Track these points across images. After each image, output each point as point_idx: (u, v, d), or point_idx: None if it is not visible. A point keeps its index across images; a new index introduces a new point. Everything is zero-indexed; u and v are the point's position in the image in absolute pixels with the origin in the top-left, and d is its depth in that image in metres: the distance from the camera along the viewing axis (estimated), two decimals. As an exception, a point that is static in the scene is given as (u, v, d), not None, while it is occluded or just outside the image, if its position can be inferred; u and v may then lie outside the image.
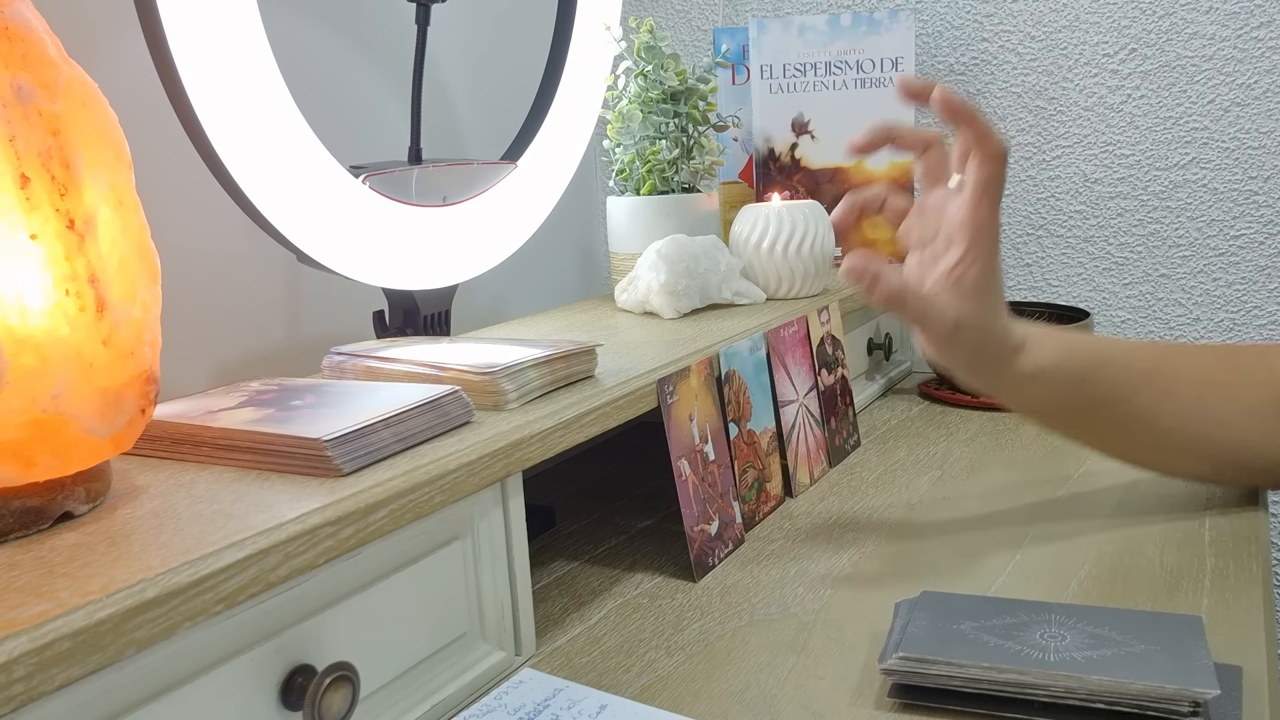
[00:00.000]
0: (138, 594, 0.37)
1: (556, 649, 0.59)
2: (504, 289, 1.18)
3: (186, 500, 0.47)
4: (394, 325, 0.84)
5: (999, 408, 1.01)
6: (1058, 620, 0.52)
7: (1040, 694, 0.47)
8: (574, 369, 0.66)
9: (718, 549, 0.69)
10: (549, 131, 0.95)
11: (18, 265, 0.40)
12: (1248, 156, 1.11)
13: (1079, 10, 1.15)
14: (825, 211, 1.01)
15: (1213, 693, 0.45)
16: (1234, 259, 1.13)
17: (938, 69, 1.23)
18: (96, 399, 0.42)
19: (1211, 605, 0.58)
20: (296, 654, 0.45)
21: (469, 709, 0.51)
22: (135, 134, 0.49)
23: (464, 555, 0.55)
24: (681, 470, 0.67)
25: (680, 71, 0.99)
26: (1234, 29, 1.09)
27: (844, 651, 0.55)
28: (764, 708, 0.50)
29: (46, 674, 0.34)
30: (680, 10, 1.35)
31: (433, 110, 1.06)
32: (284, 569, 0.42)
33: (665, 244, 0.92)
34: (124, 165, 0.45)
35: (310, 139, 0.71)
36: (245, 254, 0.87)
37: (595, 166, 1.38)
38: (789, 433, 0.81)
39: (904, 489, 0.81)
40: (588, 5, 0.98)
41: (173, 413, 0.56)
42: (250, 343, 0.89)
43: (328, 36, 0.95)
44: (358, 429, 0.51)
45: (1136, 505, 0.73)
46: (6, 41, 0.40)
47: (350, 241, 0.75)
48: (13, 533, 0.42)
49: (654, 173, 1.00)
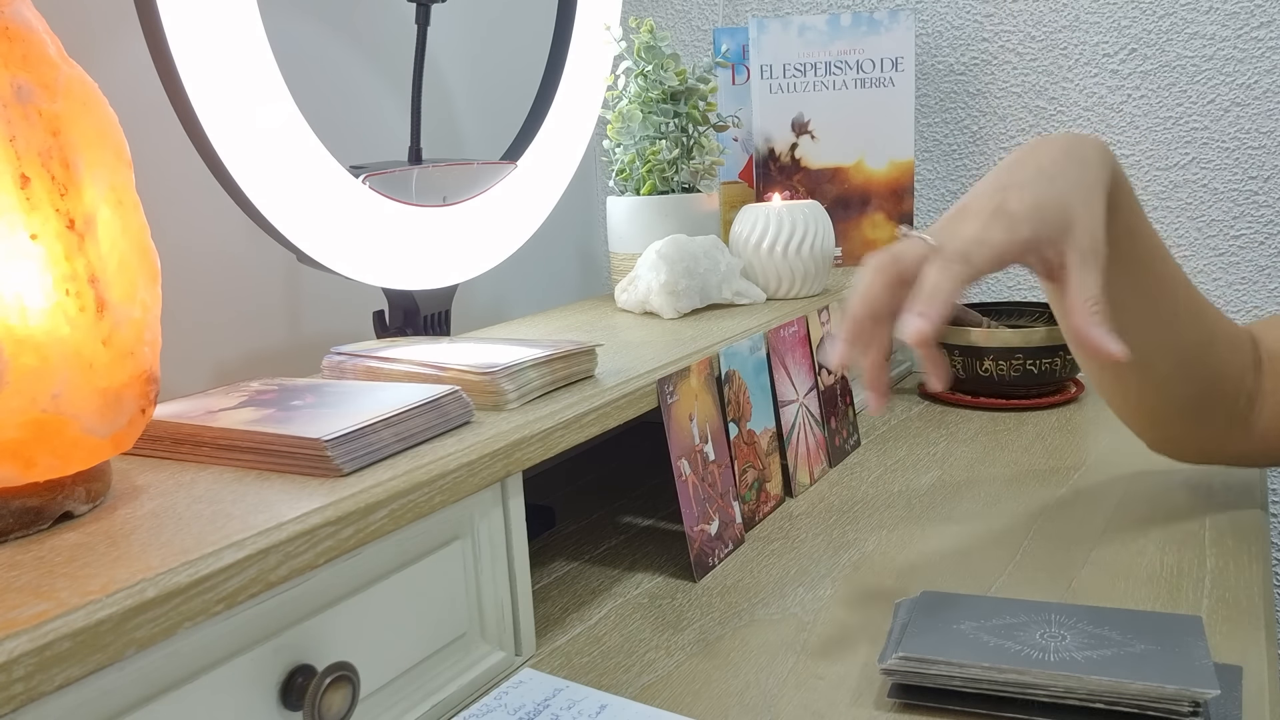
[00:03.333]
0: (138, 594, 0.37)
1: (556, 649, 0.59)
2: (504, 289, 1.18)
3: (186, 500, 0.47)
4: (394, 325, 0.84)
5: (999, 407, 1.01)
6: (1058, 620, 0.52)
7: (1040, 694, 0.47)
8: (574, 369, 0.66)
9: (718, 549, 0.69)
10: (549, 131, 0.95)
11: (18, 265, 0.40)
12: (1248, 156, 1.11)
13: (1079, 10, 1.15)
14: (825, 211, 1.01)
15: (1213, 693, 0.45)
16: (1234, 259, 1.13)
17: (938, 69, 1.23)
18: (96, 399, 0.42)
19: (1211, 605, 0.58)
20: (296, 654, 0.45)
21: (469, 709, 0.51)
22: (135, 134, 0.49)
23: (464, 555, 0.55)
24: (681, 470, 0.67)
25: (680, 71, 0.99)
26: (1234, 29, 1.09)
27: (844, 651, 0.55)
28: (764, 708, 0.50)
29: (46, 674, 0.34)
30: (680, 10, 1.35)
31: (432, 110, 1.06)
32: (284, 569, 0.42)
33: (665, 244, 0.92)
34: (124, 165, 0.45)
35: (310, 139, 0.71)
36: (245, 254, 0.87)
37: (595, 166, 1.38)
38: (789, 433, 0.81)
39: (904, 489, 0.81)
40: (588, 5, 0.98)
41: (173, 413, 0.56)
42: (250, 343, 0.89)
43: (328, 36, 0.95)
44: (358, 429, 0.51)
45: (1136, 505, 0.73)
46: (6, 41, 0.40)
47: (350, 241, 0.75)
48: (13, 533, 0.42)
49: (654, 173, 1.00)
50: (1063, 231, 0.57)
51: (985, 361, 1.00)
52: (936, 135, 1.25)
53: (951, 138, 1.24)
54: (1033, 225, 0.57)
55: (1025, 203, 0.58)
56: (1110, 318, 0.56)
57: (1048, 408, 1.00)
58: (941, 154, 1.25)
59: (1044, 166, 0.59)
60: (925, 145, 1.26)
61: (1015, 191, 0.58)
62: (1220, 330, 0.68)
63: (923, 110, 1.25)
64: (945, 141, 1.25)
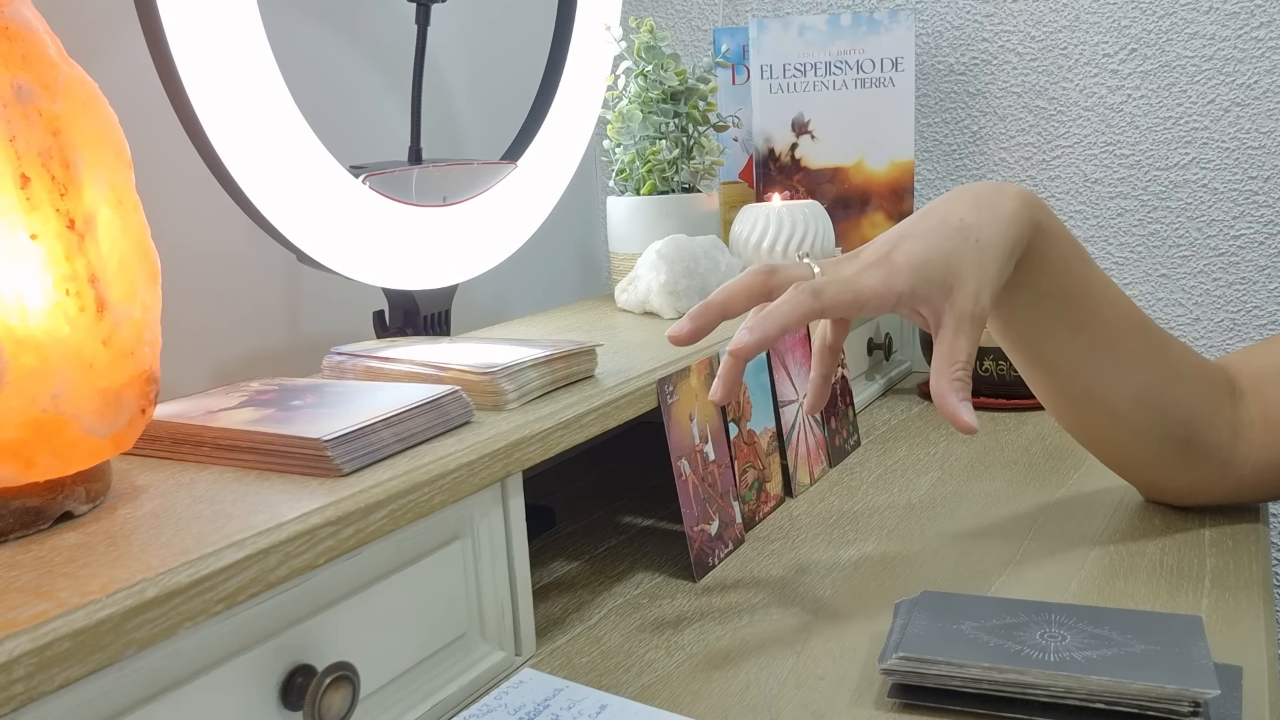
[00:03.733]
0: (138, 594, 0.37)
1: (556, 649, 0.59)
2: (504, 289, 1.18)
3: (186, 500, 0.47)
4: (394, 325, 0.84)
5: (999, 407, 1.01)
6: (1058, 620, 0.52)
7: (1040, 694, 0.47)
8: (574, 369, 0.66)
9: (718, 549, 0.69)
10: (549, 131, 0.95)
11: (18, 265, 0.40)
12: (1248, 156, 1.11)
13: (1079, 10, 1.15)
14: (825, 211, 1.01)
15: (1213, 693, 0.45)
16: (1234, 259, 1.13)
17: (938, 69, 1.23)
18: (96, 399, 0.42)
19: (1211, 605, 0.58)
20: (296, 654, 0.45)
21: (469, 709, 0.51)
22: (135, 134, 0.49)
23: (464, 555, 0.55)
24: (681, 470, 0.67)
25: (680, 71, 0.99)
26: (1234, 29, 1.09)
27: (844, 651, 0.55)
28: (764, 708, 0.50)
29: (46, 674, 0.34)
30: (680, 10, 1.35)
31: (432, 110, 1.06)
32: (284, 569, 0.42)
33: (665, 244, 0.92)
34: (124, 165, 0.45)
35: (310, 139, 0.71)
36: (245, 254, 0.87)
37: (595, 166, 1.38)
38: (789, 433, 0.81)
39: (904, 489, 0.81)
40: (588, 5, 0.98)
41: (173, 413, 0.56)
42: (250, 343, 0.89)
43: (328, 36, 0.95)
44: (358, 429, 0.51)
45: (1136, 505, 0.73)
46: (6, 41, 0.40)
47: (350, 241, 0.75)
48: (13, 533, 0.42)
49: (654, 173, 1.00)
50: (943, 292, 0.57)
51: (985, 361, 1.00)
52: (936, 135, 1.25)
53: (951, 138, 1.24)
54: (910, 281, 0.56)
55: (911, 256, 0.57)
56: (970, 387, 0.56)
57: (1048, 408, 1.00)
58: (941, 154, 1.25)
59: (946, 219, 0.59)
60: (925, 145, 1.26)
61: (907, 243, 0.58)
62: (1186, 367, 0.66)
63: (923, 110, 1.25)
64: (945, 141, 1.25)
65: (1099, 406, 0.66)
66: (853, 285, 0.56)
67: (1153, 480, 0.71)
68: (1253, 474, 0.67)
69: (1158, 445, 0.67)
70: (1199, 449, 0.66)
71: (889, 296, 0.57)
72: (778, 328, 0.55)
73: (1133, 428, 0.66)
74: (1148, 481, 0.71)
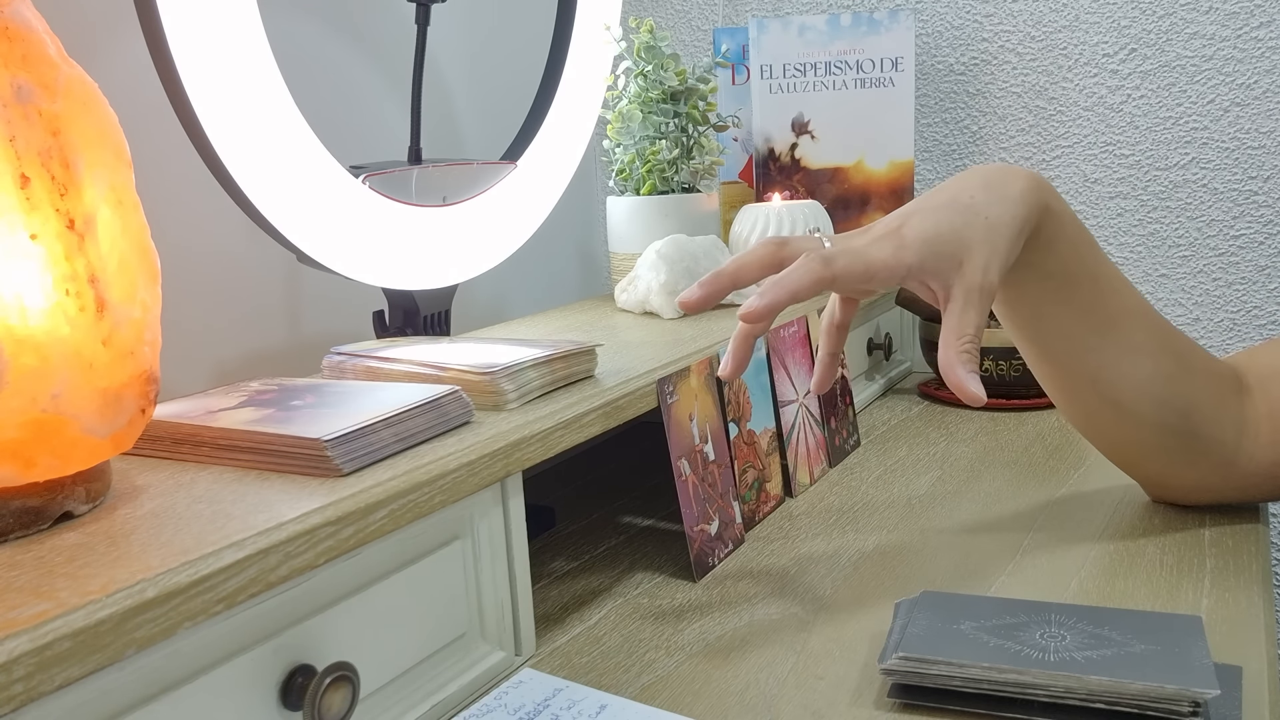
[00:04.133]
0: (137, 594, 0.37)
1: (556, 649, 0.59)
2: (504, 289, 1.18)
3: (186, 500, 0.47)
4: (394, 325, 0.84)
5: (999, 407, 1.01)
6: (1058, 620, 0.52)
7: (1040, 694, 0.47)
8: (574, 369, 0.66)
9: (718, 549, 0.69)
10: (549, 131, 0.95)
11: (18, 265, 0.40)
12: (1248, 156, 1.11)
13: (1079, 10, 1.15)
14: (825, 211, 1.01)
15: (1213, 693, 0.45)
16: (1234, 259, 1.13)
17: (938, 69, 1.23)
18: (96, 399, 0.42)
19: (1211, 605, 0.58)
20: (296, 654, 0.45)
21: (469, 709, 0.51)
22: (135, 134, 0.49)
23: (464, 555, 0.55)
24: (681, 470, 0.67)
25: (680, 71, 0.99)
26: (1234, 29, 1.09)
27: (844, 651, 0.55)
28: (764, 708, 0.50)
29: (46, 674, 0.34)
30: (680, 10, 1.36)
31: (432, 110, 1.06)
32: (284, 569, 0.42)
33: (665, 244, 0.92)
34: (124, 165, 0.45)
35: (310, 139, 0.71)
36: (245, 254, 0.87)
37: (595, 166, 1.38)
38: (789, 433, 0.81)
39: (904, 489, 0.81)
40: (588, 5, 0.98)
41: (173, 413, 0.56)
42: (250, 343, 0.89)
43: (328, 36, 0.95)
44: (358, 429, 0.51)
45: (1136, 505, 0.73)
46: (6, 41, 0.40)
47: (350, 241, 0.75)
48: (13, 533, 0.42)
49: (654, 173, 1.00)
50: (952, 266, 0.57)
51: (985, 361, 1.00)
52: (936, 135, 1.25)
53: (951, 138, 1.24)
54: (920, 254, 0.57)
55: (922, 231, 0.57)
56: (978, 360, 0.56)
57: (1048, 408, 1.00)
58: (941, 154, 1.25)
59: (957, 196, 0.59)
60: (925, 145, 1.26)
61: (918, 218, 0.58)
62: (1192, 360, 0.66)
63: (923, 110, 1.25)
64: (945, 141, 1.25)
65: (1103, 396, 0.66)
66: (863, 256, 0.57)
67: (1156, 476, 0.71)
68: (1257, 472, 0.67)
69: (1161, 438, 0.67)
70: (1203, 444, 0.66)
71: (899, 269, 0.57)
72: (788, 293, 0.55)
73: (1137, 419, 0.66)
74: (1151, 477, 0.71)
